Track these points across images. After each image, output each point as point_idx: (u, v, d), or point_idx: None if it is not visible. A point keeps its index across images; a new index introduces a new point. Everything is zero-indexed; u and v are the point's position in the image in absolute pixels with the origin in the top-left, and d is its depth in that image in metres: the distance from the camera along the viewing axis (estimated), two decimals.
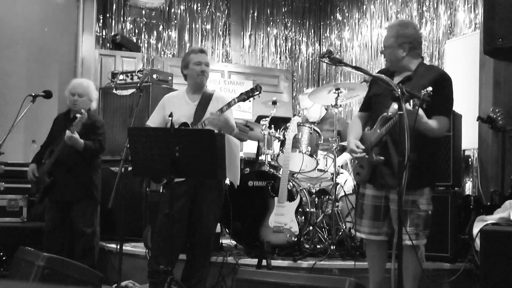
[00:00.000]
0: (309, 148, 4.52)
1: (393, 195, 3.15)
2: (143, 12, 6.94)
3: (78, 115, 4.19)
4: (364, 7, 6.80)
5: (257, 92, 3.69)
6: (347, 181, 4.82)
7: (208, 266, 3.99)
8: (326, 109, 5.42)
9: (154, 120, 3.98)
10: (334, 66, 6.90)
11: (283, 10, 7.68)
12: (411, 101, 2.93)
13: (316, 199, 4.70)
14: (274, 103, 5.07)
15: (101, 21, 6.69)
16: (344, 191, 4.63)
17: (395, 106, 3.03)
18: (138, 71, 5.60)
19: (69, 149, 4.31)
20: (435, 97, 2.95)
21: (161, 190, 3.94)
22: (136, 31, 6.92)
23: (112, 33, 6.65)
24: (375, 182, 3.31)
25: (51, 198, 4.43)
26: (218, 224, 4.41)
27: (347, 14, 7.19)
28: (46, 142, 4.60)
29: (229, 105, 3.74)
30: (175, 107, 3.89)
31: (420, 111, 2.95)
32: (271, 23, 7.63)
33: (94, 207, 4.53)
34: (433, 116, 3.11)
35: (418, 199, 3.22)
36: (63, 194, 4.39)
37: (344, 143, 4.73)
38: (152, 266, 3.78)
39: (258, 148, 5.17)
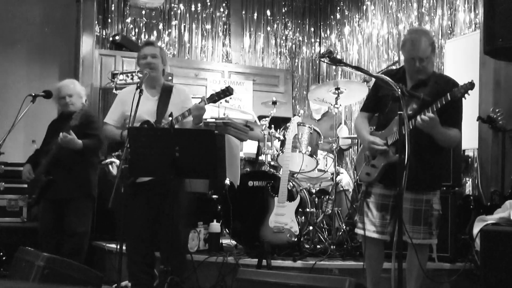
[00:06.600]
0: (309, 148, 4.52)
1: (407, 194, 3.07)
2: (143, 12, 6.93)
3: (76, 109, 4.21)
4: (364, 7, 6.80)
5: (229, 94, 3.55)
6: (343, 178, 4.87)
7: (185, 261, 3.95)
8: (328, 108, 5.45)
9: (113, 117, 3.85)
10: (334, 66, 6.91)
11: (283, 10, 7.68)
12: (429, 108, 2.97)
13: (316, 199, 4.70)
14: (274, 103, 5.07)
15: (101, 21, 6.68)
16: (342, 186, 4.68)
17: (414, 105, 3.04)
18: (138, 71, 5.58)
19: (66, 148, 4.28)
20: (449, 108, 3.00)
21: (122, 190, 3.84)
22: (136, 31, 6.92)
23: (112, 33, 6.65)
24: (387, 182, 3.24)
25: (47, 197, 4.33)
26: (218, 224, 4.42)
27: (347, 14, 7.19)
28: (41, 148, 4.57)
29: (203, 101, 3.60)
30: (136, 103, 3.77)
31: (436, 118, 2.98)
32: (271, 23, 7.62)
33: (90, 206, 4.43)
34: (446, 127, 3.11)
35: (432, 198, 3.25)
36: (59, 191, 4.26)
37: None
38: (131, 267, 3.75)
39: (258, 148, 5.17)
